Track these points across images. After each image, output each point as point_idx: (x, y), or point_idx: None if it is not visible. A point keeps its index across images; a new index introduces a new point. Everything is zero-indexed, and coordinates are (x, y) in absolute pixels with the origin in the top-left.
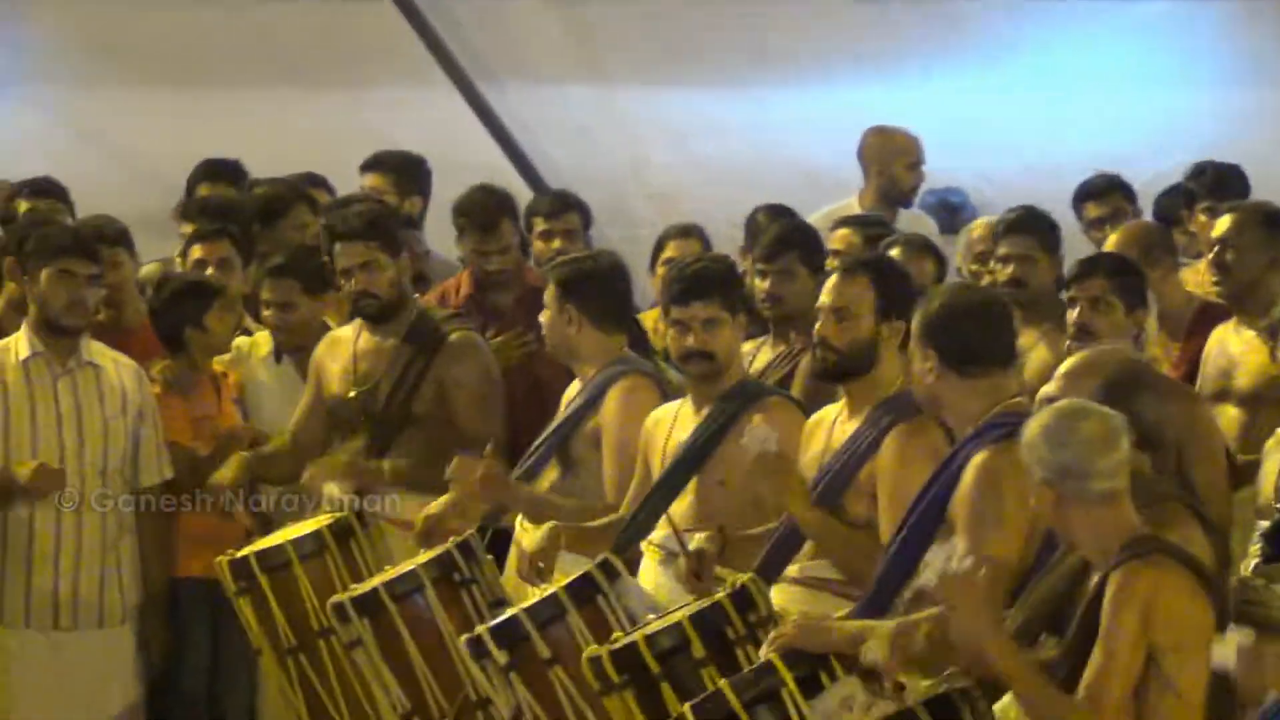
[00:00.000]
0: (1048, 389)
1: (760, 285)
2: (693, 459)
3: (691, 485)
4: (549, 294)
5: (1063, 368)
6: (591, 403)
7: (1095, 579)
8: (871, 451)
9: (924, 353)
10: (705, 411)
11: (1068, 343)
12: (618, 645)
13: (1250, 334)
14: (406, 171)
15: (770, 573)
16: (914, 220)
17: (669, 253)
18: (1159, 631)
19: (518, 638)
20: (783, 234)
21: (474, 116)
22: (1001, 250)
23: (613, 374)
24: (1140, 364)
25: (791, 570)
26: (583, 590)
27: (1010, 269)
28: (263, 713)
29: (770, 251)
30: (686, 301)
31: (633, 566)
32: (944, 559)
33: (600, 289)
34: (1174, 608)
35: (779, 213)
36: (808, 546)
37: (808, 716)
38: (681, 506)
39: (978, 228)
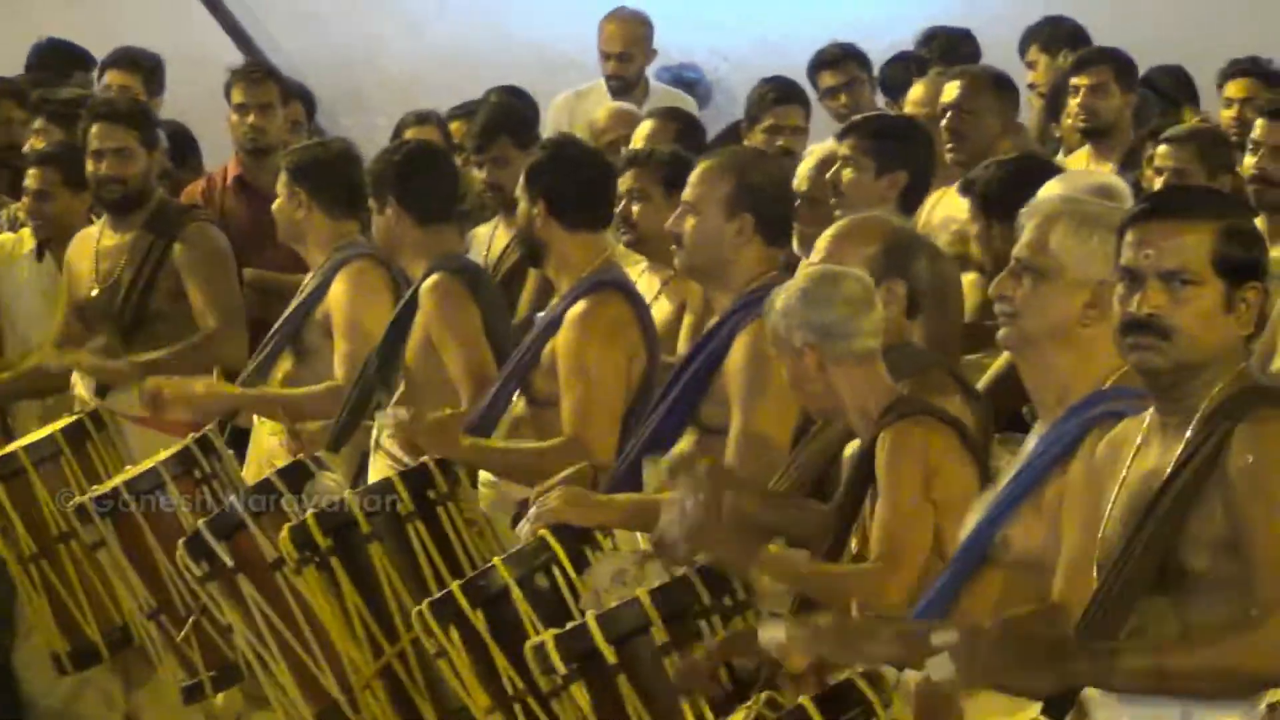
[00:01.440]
0: (815, 255)
1: (479, 176)
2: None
3: None
4: (280, 180)
5: (829, 232)
6: (321, 289)
7: (855, 446)
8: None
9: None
10: None
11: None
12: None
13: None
14: (153, 70)
15: None
16: (669, 96)
17: None
18: (935, 489)
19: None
20: (490, 120)
21: (203, 8)
22: (769, 121)
23: (340, 259)
24: (912, 230)
25: None
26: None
27: (784, 139)
28: (22, 617)
29: (481, 141)
30: None
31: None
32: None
33: (330, 175)
34: (946, 467)
35: (512, 95)
36: None
37: (580, 590)
38: None
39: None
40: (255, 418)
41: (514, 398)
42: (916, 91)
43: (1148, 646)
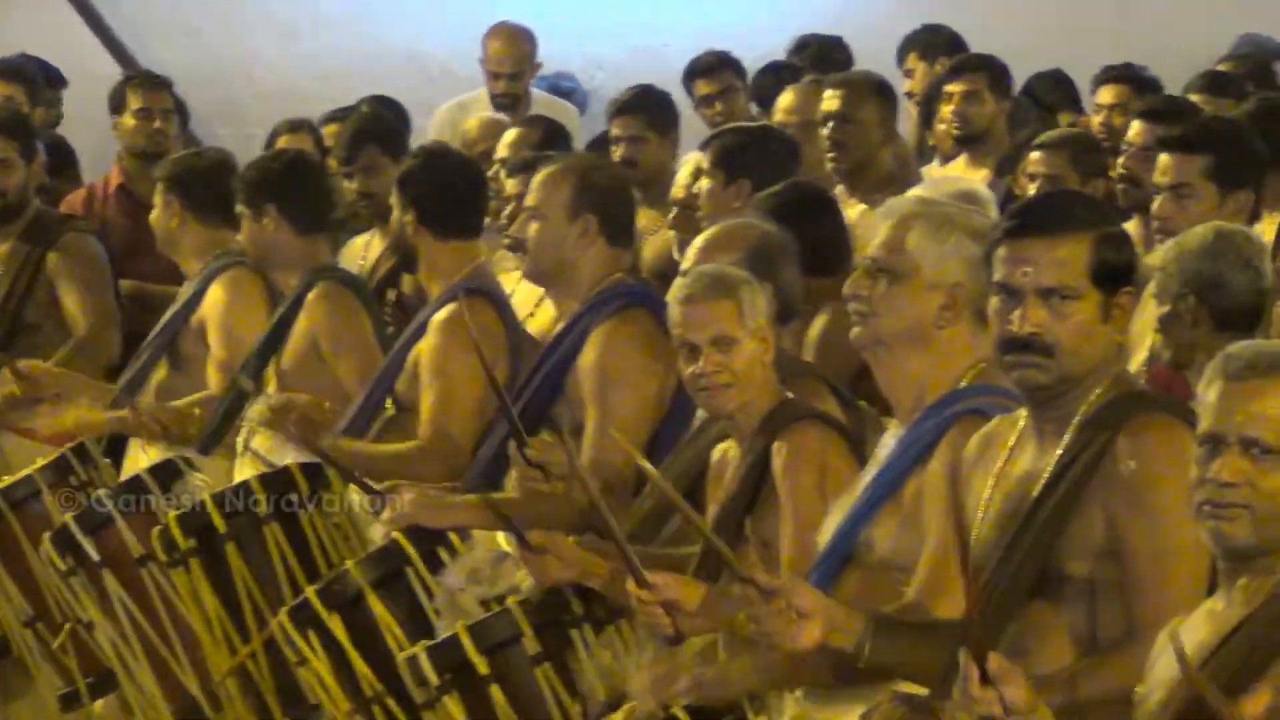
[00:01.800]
0: (685, 263)
1: (350, 186)
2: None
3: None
4: (156, 190)
5: (698, 240)
6: (196, 297)
7: (726, 452)
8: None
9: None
10: None
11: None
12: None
13: (862, 207)
14: (36, 80)
15: None
16: (551, 106)
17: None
18: (827, 492)
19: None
20: (358, 130)
21: (80, 20)
22: (613, 131)
23: (215, 267)
24: (777, 235)
25: None
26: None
27: (621, 149)
28: None
29: (350, 151)
30: None
31: None
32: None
33: (205, 185)
34: (839, 469)
35: (383, 105)
36: None
37: (434, 591)
38: None
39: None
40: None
41: (384, 402)
42: (786, 99)
43: (1056, 682)
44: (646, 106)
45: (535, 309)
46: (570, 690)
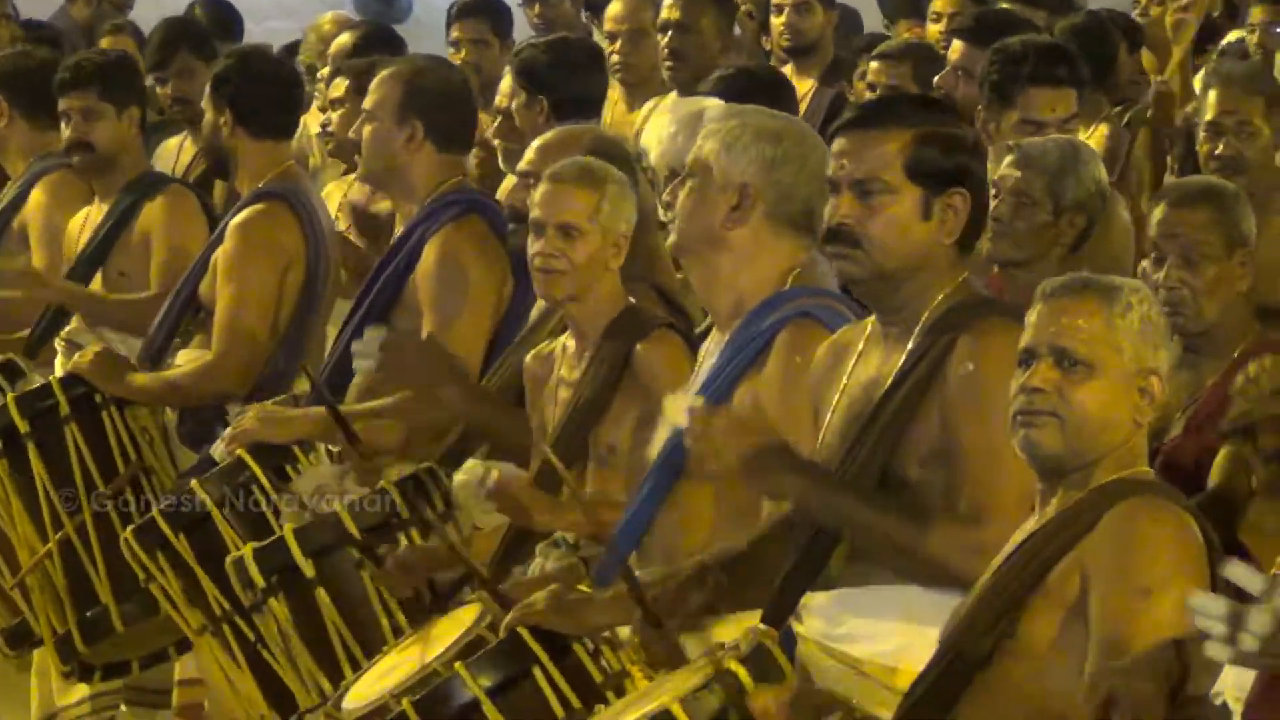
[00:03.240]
0: (522, 164)
1: (164, 91)
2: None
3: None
4: None
5: (535, 143)
6: (19, 199)
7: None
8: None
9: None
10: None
11: None
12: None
13: None
14: None
15: None
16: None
17: None
18: None
19: None
20: (168, 35)
21: None
22: (453, 34)
23: (40, 169)
24: (615, 140)
25: None
26: None
27: (464, 53)
28: None
29: (160, 56)
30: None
31: None
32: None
33: (31, 84)
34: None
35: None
36: None
37: (281, 507)
38: None
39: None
40: None
41: (189, 306)
42: (614, 8)
43: (878, 506)
44: (487, 10)
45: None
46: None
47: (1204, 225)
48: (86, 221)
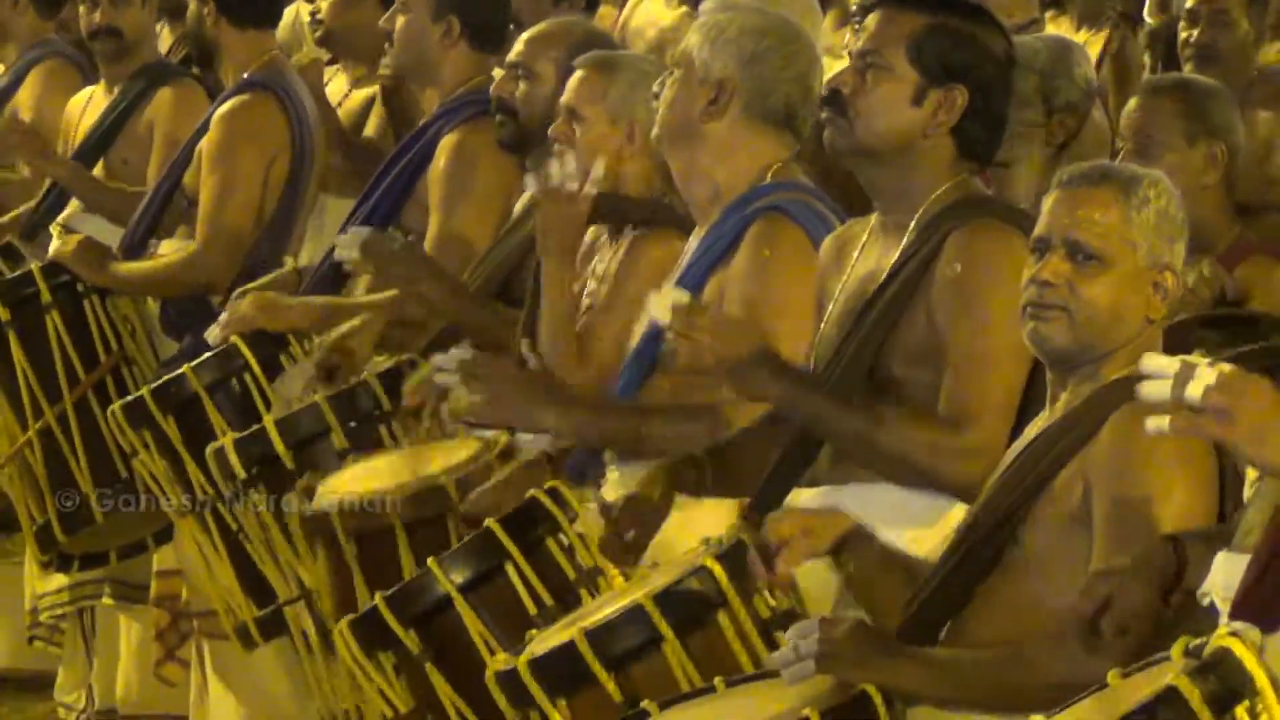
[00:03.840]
0: (511, 56)
1: None
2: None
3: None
4: None
5: (526, 34)
6: (13, 85)
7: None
8: None
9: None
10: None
11: None
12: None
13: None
14: None
15: None
16: None
17: None
18: None
19: None
20: None
21: None
22: None
23: (32, 57)
24: (604, 35)
25: None
26: None
27: None
28: None
29: None
30: None
31: None
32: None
33: None
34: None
35: None
36: None
37: (271, 398)
38: None
39: None
40: None
41: (173, 195)
42: None
43: (849, 409)
44: None
45: (342, 99)
46: None
47: (1164, 114)
48: (90, 105)
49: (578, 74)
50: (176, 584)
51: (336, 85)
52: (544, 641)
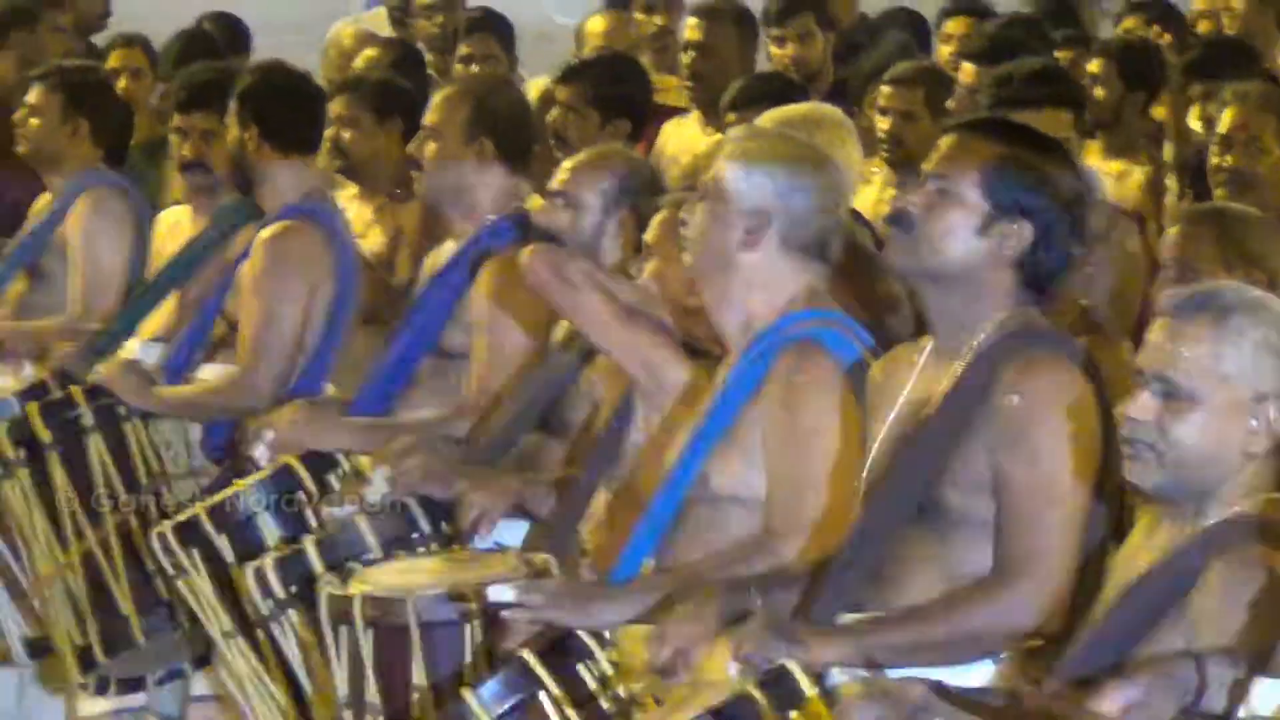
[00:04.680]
0: (554, 184)
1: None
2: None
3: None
4: (40, 94)
5: (569, 162)
6: (60, 212)
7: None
8: None
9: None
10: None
11: None
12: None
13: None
14: None
15: None
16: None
17: None
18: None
19: None
20: (184, 49)
21: None
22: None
23: (82, 183)
24: (647, 165)
25: None
26: None
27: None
28: None
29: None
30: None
31: None
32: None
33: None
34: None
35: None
36: None
37: (324, 519)
38: None
39: None
40: None
41: (213, 321)
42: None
43: (898, 619)
44: (494, 25)
45: (366, 231)
46: None
47: (1203, 241)
48: (177, 229)
49: (661, 214)
50: (212, 710)
51: (355, 213)
52: None
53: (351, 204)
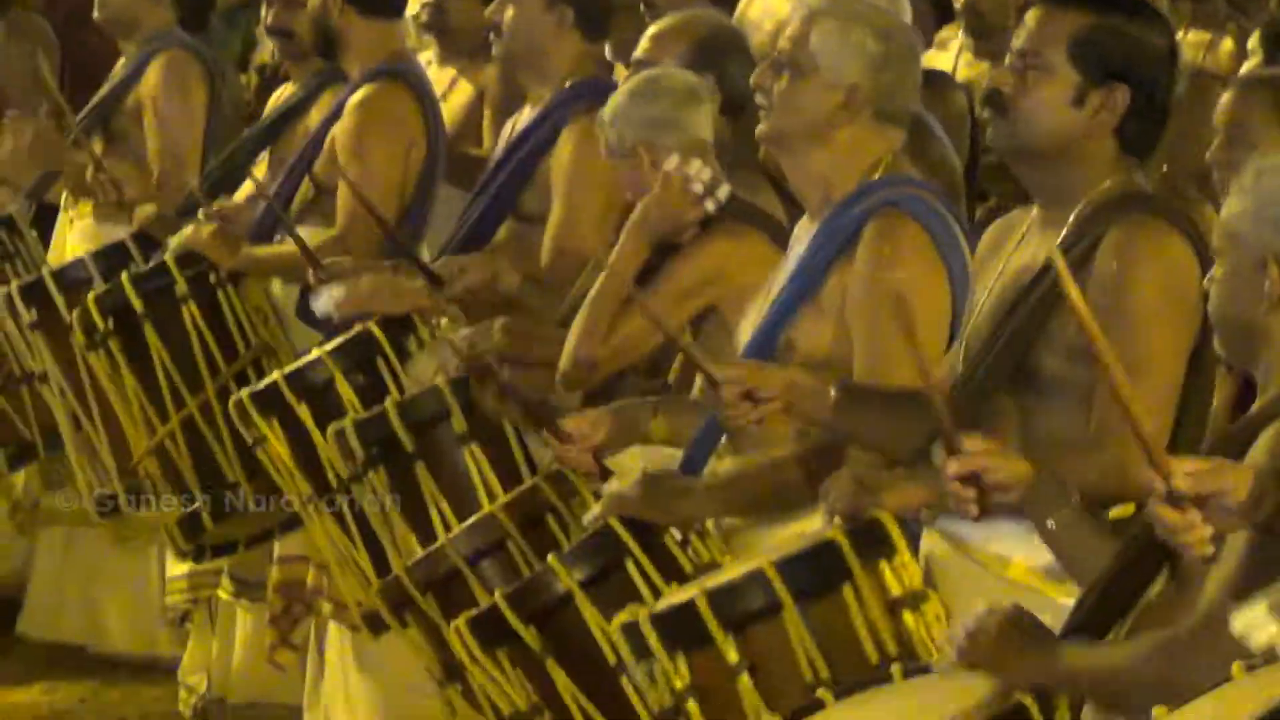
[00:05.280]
0: (637, 52)
1: None
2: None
3: None
4: None
5: (651, 30)
6: (135, 75)
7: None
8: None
9: None
10: None
11: None
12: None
13: None
14: None
15: None
16: None
17: None
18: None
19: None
20: None
21: None
22: None
23: (157, 46)
24: (730, 28)
25: None
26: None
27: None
28: None
29: None
30: None
31: None
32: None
33: None
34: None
35: None
36: None
37: (403, 381)
38: None
39: None
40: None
41: (301, 184)
42: None
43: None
44: None
45: (448, 92)
46: (499, 473)
47: (1256, 105)
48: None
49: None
50: (301, 570)
51: (434, 77)
52: (669, 599)
53: (429, 69)
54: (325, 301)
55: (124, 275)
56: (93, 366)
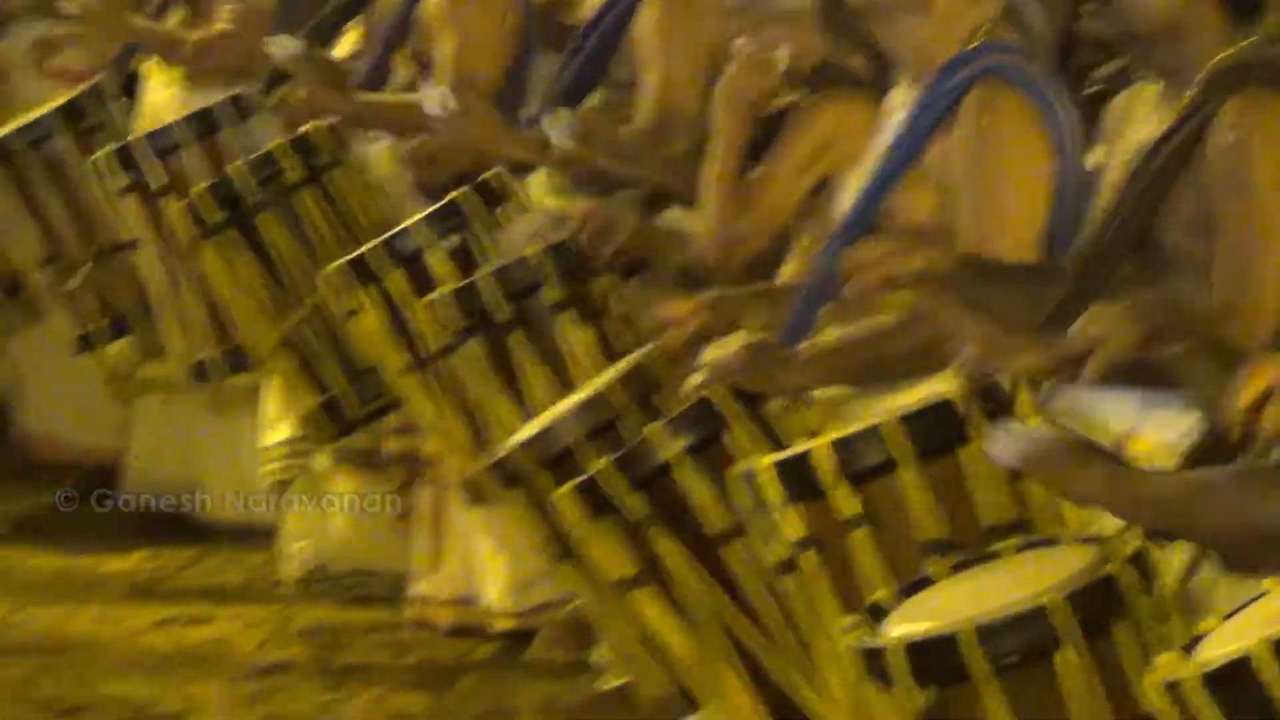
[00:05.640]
0: None
1: None
2: None
3: None
4: None
5: None
6: None
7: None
8: None
9: None
10: None
11: None
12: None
13: None
14: None
15: None
16: None
17: None
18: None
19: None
20: None
21: None
22: None
23: None
24: None
25: None
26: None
27: None
28: None
29: None
30: None
31: None
32: None
33: None
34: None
35: None
36: None
37: (493, 253)
38: None
39: None
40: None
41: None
42: None
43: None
44: None
45: None
46: (600, 343)
47: None
48: None
49: None
50: (413, 441)
51: None
52: (787, 450)
53: None
54: (434, 101)
55: (234, 165)
56: (207, 261)
